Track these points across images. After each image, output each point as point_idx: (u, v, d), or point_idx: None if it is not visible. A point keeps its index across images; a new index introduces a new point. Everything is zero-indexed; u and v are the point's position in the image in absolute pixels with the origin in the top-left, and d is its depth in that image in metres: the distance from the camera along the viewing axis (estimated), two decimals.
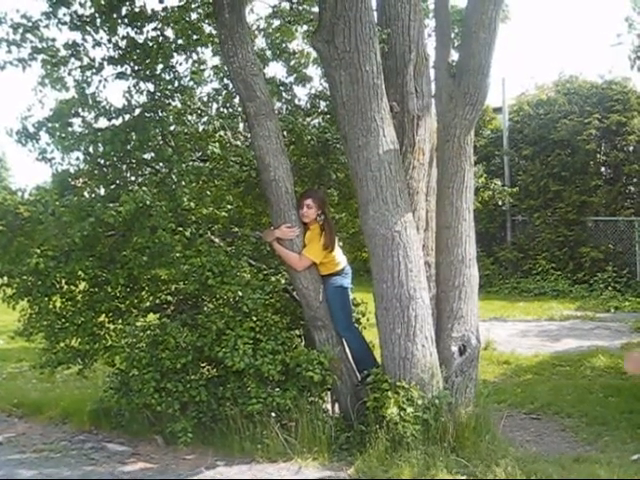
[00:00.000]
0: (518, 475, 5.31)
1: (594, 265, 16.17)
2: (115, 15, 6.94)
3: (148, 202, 6.21)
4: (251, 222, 7.64)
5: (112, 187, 6.83)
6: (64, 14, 6.98)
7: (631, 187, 17.18)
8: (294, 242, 6.22)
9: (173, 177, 6.83)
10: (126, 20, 7.02)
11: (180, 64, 7.55)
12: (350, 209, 7.66)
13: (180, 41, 7.40)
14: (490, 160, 18.28)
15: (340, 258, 6.47)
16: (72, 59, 7.07)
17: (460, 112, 6.23)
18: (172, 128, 7.24)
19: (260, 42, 8.40)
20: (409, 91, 6.63)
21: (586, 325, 12.48)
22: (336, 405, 6.49)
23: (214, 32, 7.39)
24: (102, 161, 6.87)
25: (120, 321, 7.11)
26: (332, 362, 6.13)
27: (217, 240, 6.99)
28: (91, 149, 6.73)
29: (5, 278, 6.74)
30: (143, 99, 7.23)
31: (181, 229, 6.74)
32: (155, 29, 7.23)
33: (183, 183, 6.76)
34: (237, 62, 6.19)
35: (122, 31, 7.09)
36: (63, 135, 6.79)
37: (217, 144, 7.60)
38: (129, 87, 7.24)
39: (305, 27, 8.23)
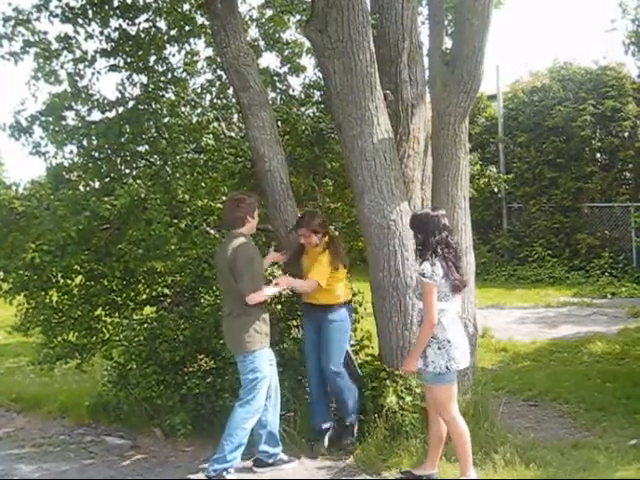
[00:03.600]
0: (517, 462, 5.32)
1: (590, 251, 16.17)
2: (107, 7, 6.92)
3: (143, 195, 6.20)
4: None
5: (106, 180, 6.83)
6: (55, 6, 6.96)
7: (626, 173, 17.14)
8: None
9: (167, 169, 6.82)
10: (118, 12, 7.00)
11: (173, 55, 7.56)
12: (345, 199, 7.66)
13: (173, 32, 7.39)
14: (485, 148, 18.24)
15: (346, 290, 6.08)
16: (64, 52, 7.05)
17: (454, 100, 6.21)
18: (166, 120, 7.23)
19: (253, 32, 8.38)
20: (403, 79, 6.61)
21: (583, 311, 12.48)
22: None
23: (207, 23, 7.36)
24: (96, 154, 6.85)
25: (117, 314, 7.12)
26: None
27: (212, 232, 6.97)
28: (85, 142, 6.72)
29: (1, 273, 6.73)
30: (136, 91, 7.24)
31: (176, 221, 6.73)
32: (147, 20, 7.22)
33: (177, 175, 6.75)
34: (230, 52, 6.16)
35: (114, 23, 7.09)
36: (57, 129, 6.77)
37: (211, 135, 7.59)
38: (122, 79, 7.25)
39: (298, 16, 8.20)
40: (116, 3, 6.97)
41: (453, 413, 5.01)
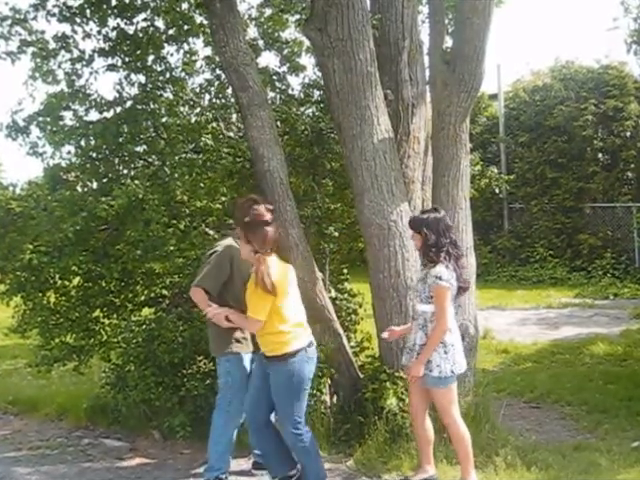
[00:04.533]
0: (518, 464, 5.32)
1: (592, 252, 16.17)
2: (105, 6, 6.93)
3: (141, 195, 6.20)
4: None
5: (104, 181, 6.83)
6: (53, 5, 6.98)
7: (628, 173, 17.14)
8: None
9: (166, 170, 6.82)
10: (116, 11, 7.01)
11: (171, 55, 7.57)
12: (345, 199, 7.64)
13: (171, 31, 7.40)
14: (486, 147, 18.25)
15: (298, 333, 4.89)
16: (62, 51, 7.07)
17: (455, 99, 6.21)
18: (164, 120, 7.23)
19: (252, 31, 8.38)
20: (403, 79, 6.62)
21: (585, 312, 12.48)
22: (334, 397, 6.49)
23: (205, 22, 7.37)
24: (94, 154, 6.86)
25: (115, 316, 7.13)
26: (330, 354, 6.12)
27: (211, 232, 6.97)
28: (82, 142, 6.73)
29: None
30: (134, 91, 7.24)
31: (175, 222, 6.74)
32: (145, 20, 7.22)
33: (176, 175, 6.75)
34: (229, 52, 6.15)
35: (112, 22, 7.10)
36: (54, 129, 6.78)
37: (210, 135, 7.58)
38: (120, 79, 7.26)
39: (297, 15, 8.21)
40: (114, 2, 6.97)
41: (455, 416, 5.02)
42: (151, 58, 7.21)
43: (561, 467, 5.37)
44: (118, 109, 6.99)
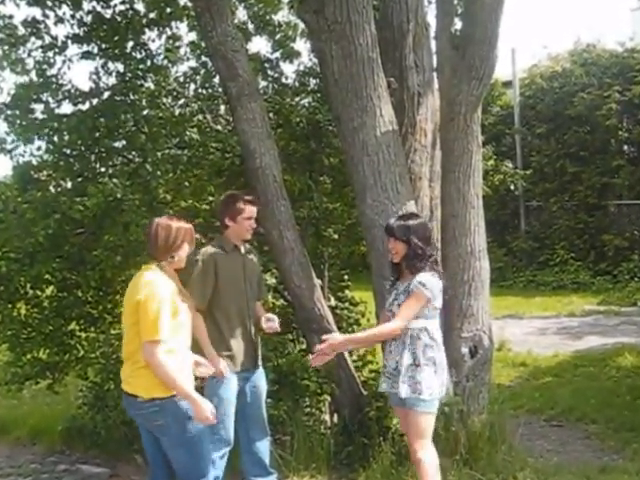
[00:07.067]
0: None
1: (618, 254, 16.22)
2: None
3: (119, 195, 6.19)
4: None
5: (79, 180, 6.83)
6: None
7: None
8: None
9: (147, 167, 6.82)
10: None
11: (152, 41, 7.56)
12: (346, 198, 7.66)
13: (152, 15, 7.40)
14: (500, 140, 18.30)
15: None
16: (32, 38, 7.07)
17: (465, 87, 6.21)
18: (145, 112, 7.23)
19: (241, 14, 8.38)
20: (408, 65, 6.62)
21: (610, 320, 12.51)
22: (335, 416, 6.49)
23: (189, 4, 7.36)
24: (68, 151, 6.86)
25: (93, 329, 7.12)
26: (330, 369, 6.12)
27: (198, 236, 6.96)
28: (55, 138, 6.72)
29: None
30: (112, 81, 7.24)
31: None
32: (124, 2, 7.22)
33: (158, 173, 6.75)
34: (216, 37, 6.16)
35: (87, 5, 7.09)
36: (24, 123, 6.78)
37: (196, 129, 7.59)
38: (96, 68, 7.25)
39: None
40: None
41: (430, 442, 4.86)
42: (130, 45, 7.21)
43: None
44: (94, 101, 7.00)
